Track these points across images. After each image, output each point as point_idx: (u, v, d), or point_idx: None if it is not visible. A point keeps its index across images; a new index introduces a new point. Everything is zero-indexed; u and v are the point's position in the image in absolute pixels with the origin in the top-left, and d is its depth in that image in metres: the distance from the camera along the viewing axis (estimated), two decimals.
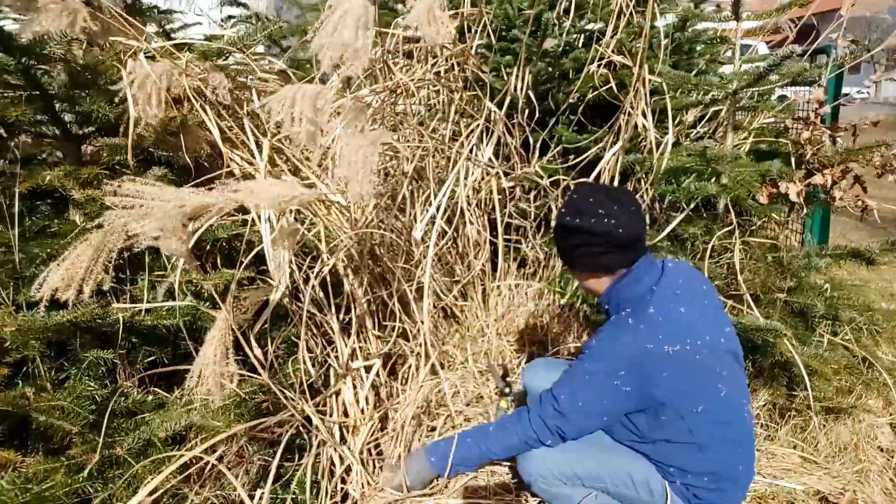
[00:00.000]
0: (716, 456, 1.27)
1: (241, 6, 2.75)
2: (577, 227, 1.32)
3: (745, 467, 1.33)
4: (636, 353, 1.22)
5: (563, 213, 1.37)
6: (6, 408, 1.08)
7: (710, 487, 1.29)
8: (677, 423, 1.25)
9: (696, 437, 1.25)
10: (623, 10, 2.10)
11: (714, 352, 1.26)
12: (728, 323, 1.37)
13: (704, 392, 1.24)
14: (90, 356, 1.22)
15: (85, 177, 1.32)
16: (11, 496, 0.99)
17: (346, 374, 1.48)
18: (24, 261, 1.22)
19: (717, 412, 1.25)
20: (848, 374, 1.73)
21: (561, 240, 1.39)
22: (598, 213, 1.30)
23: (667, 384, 1.22)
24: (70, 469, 1.09)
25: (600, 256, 1.33)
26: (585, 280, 1.41)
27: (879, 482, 1.67)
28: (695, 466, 1.29)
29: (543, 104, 2.37)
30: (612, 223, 1.29)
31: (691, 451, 1.27)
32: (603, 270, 1.36)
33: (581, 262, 1.37)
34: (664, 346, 1.21)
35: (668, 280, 1.33)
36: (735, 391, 1.29)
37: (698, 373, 1.23)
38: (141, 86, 1.25)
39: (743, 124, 2.21)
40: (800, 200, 1.79)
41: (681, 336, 1.23)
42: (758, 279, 1.81)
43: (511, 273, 2.42)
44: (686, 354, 1.22)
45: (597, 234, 1.30)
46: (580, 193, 1.39)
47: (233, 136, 1.54)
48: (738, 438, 1.28)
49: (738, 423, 1.29)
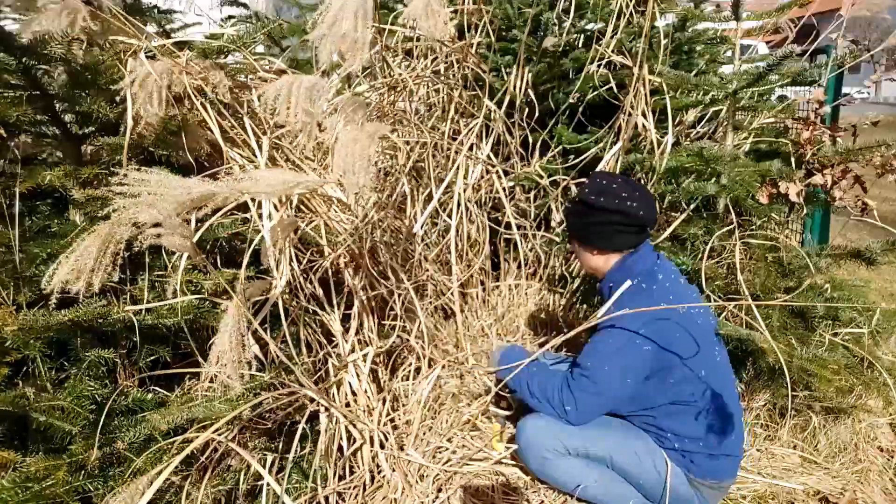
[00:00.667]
0: (711, 422, 1.36)
1: (241, 6, 2.75)
2: (602, 205, 1.43)
3: (736, 441, 1.40)
4: (653, 313, 1.32)
5: (587, 192, 1.47)
6: (6, 408, 1.08)
7: (706, 453, 1.38)
8: (683, 386, 1.35)
9: (698, 401, 1.36)
10: (623, 10, 2.10)
11: (710, 326, 1.44)
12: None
13: (705, 356, 1.36)
14: (91, 356, 1.22)
15: (85, 177, 1.32)
16: (12, 494, 0.99)
17: (346, 364, 1.49)
18: (24, 261, 1.22)
19: (714, 379, 1.37)
20: (848, 375, 1.73)
21: (580, 216, 1.50)
22: (621, 196, 1.42)
23: (679, 343, 1.33)
24: (71, 467, 1.09)
25: (616, 235, 1.45)
26: (595, 257, 1.52)
27: (879, 482, 1.67)
28: (691, 431, 1.38)
29: (543, 104, 2.37)
30: (633, 206, 1.42)
31: (690, 414, 1.37)
32: (615, 249, 1.48)
33: (597, 239, 1.49)
34: (675, 307, 1.34)
35: (665, 262, 1.51)
36: (724, 365, 1.44)
37: (700, 337, 1.36)
38: (141, 84, 1.25)
39: (743, 124, 2.21)
40: (800, 200, 1.79)
41: (686, 302, 1.38)
42: (758, 279, 1.81)
43: (511, 273, 2.42)
44: (691, 318, 1.36)
45: (619, 213, 1.42)
46: (603, 176, 1.53)
47: (234, 136, 1.54)
48: (729, 410, 1.38)
49: (730, 396, 1.40)
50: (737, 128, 1.94)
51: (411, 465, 1.55)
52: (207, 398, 1.28)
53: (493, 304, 2.32)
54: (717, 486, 1.42)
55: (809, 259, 1.80)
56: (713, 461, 1.38)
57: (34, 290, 1.22)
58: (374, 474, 1.47)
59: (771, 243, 1.90)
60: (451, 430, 1.75)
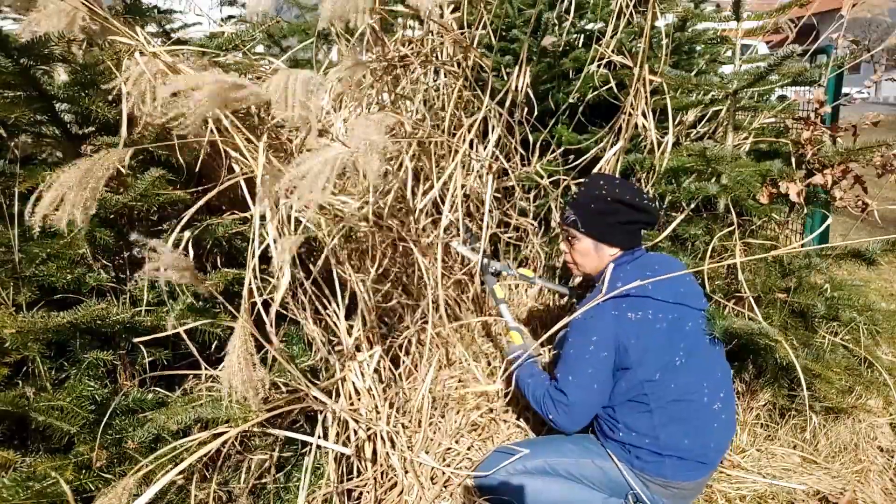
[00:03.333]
0: (663, 423, 1.39)
1: (241, 6, 2.75)
2: (619, 198, 1.49)
3: (695, 446, 1.40)
4: (605, 321, 1.41)
5: (603, 184, 1.54)
6: (6, 408, 1.08)
7: (652, 450, 1.39)
8: (638, 387, 1.40)
9: (650, 401, 1.39)
10: (623, 10, 2.10)
11: (677, 329, 1.43)
12: (704, 306, 1.54)
13: (659, 359, 1.40)
14: (90, 357, 1.22)
15: None
16: (13, 493, 0.99)
17: (352, 359, 1.48)
18: (23, 261, 1.22)
19: (673, 382, 1.39)
20: (848, 375, 1.73)
21: (607, 214, 1.52)
22: (636, 193, 1.52)
23: (634, 348, 1.38)
24: (77, 467, 1.09)
25: (632, 234, 1.54)
26: (606, 256, 1.56)
27: (879, 482, 1.67)
28: (641, 427, 1.41)
29: (543, 104, 2.37)
30: (651, 206, 1.52)
31: (642, 411, 1.40)
32: (627, 246, 1.54)
33: (615, 236, 1.54)
34: (627, 313, 1.40)
35: (642, 262, 1.53)
36: (696, 370, 1.43)
37: (657, 343, 1.40)
38: (136, 84, 1.25)
39: (743, 124, 2.21)
40: (800, 200, 1.79)
41: (643, 305, 1.42)
42: (758, 279, 1.80)
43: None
44: (648, 322, 1.40)
45: (643, 212, 1.50)
46: (612, 177, 1.64)
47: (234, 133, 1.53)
48: (689, 414, 1.40)
49: (695, 400, 1.41)
50: (737, 128, 1.94)
51: (422, 466, 1.56)
52: (212, 398, 1.28)
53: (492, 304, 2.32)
54: (666, 486, 1.41)
55: (809, 259, 1.81)
56: (659, 459, 1.39)
57: (34, 290, 1.21)
58: (382, 474, 1.47)
59: (771, 244, 1.90)
60: (459, 432, 1.76)
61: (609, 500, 1.47)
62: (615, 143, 2.12)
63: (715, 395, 1.44)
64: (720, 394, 1.45)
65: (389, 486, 1.49)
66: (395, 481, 1.49)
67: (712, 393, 1.44)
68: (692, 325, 1.47)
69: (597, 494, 1.47)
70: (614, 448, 1.46)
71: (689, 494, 1.47)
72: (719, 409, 1.43)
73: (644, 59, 1.93)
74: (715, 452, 1.45)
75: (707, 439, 1.42)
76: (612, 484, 1.45)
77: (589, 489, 1.47)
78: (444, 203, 1.81)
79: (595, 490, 1.47)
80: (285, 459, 1.40)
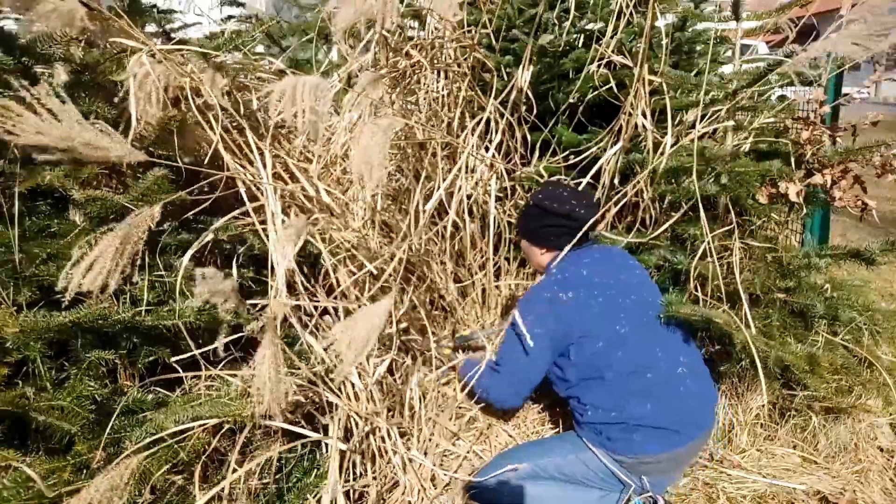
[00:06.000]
0: (623, 392, 1.44)
1: (241, 6, 2.75)
2: (554, 210, 1.64)
3: (661, 412, 1.41)
4: (540, 302, 1.54)
5: (540, 197, 1.70)
6: (6, 408, 1.08)
7: (619, 423, 1.42)
8: (586, 360, 1.48)
9: (604, 373, 1.46)
10: (623, 10, 2.10)
11: (615, 303, 1.53)
12: (654, 292, 1.65)
13: (601, 329, 1.49)
14: (91, 356, 1.22)
15: (85, 177, 1.32)
16: (14, 493, 0.99)
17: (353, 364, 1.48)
18: (24, 261, 1.22)
19: (620, 350, 1.46)
20: (848, 374, 1.73)
21: (532, 218, 1.71)
22: (571, 203, 1.65)
23: (569, 325, 1.49)
24: (75, 467, 1.09)
25: (561, 236, 1.65)
26: (538, 255, 1.72)
27: (879, 482, 1.67)
28: (604, 401, 1.46)
29: (543, 104, 2.37)
30: (580, 212, 1.64)
31: (600, 385, 1.47)
32: (556, 247, 1.67)
33: (543, 238, 1.69)
34: (559, 293, 1.53)
35: (581, 252, 1.65)
36: (645, 337, 1.51)
37: (596, 315, 1.50)
38: (140, 85, 1.25)
39: (743, 124, 2.21)
40: (800, 200, 1.79)
41: (576, 286, 1.54)
42: (757, 279, 1.81)
43: (511, 273, 2.42)
44: (581, 300, 1.51)
45: (566, 217, 1.63)
46: (554, 185, 1.82)
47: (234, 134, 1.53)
48: (647, 380, 1.44)
49: (651, 366, 1.47)
50: (737, 128, 1.94)
51: (423, 467, 1.56)
52: (211, 397, 1.27)
53: (493, 305, 2.32)
54: (641, 462, 1.42)
55: (809, 259, 1.80)
56: (628, 434, 1.41)
57: (34, 290, 1.21)
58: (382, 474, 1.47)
59: (769, 245, 1.90)
60: (458, 433, 1.76)
61: (605, 496, 1.47)
62: (615, 143, 2.12)
63: (674, 361, 1.48)
64: (680, 358, 1.50)
65: (391, 485, 1.49)
66: (395, 480, 1.49)
67: (669, 358, 1.48)
68: (634, 299, 1.56)
69: (590, 493, 1.47)
70: (588, 434, 1.49)
71: (668, 468, 1.47)
72: (683, 374, 1.47)
73: (644, 59, 1.92)
74: (688, 417, 1.45)
75: (673, 404, 1.44)
76: (598, 475, 1.47)
77: (583, 489, 1.48)
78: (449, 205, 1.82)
79: (588, 488, 1.48)
80: (286, 459, 1.40)
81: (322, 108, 0.98)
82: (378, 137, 0.99)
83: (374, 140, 0.98)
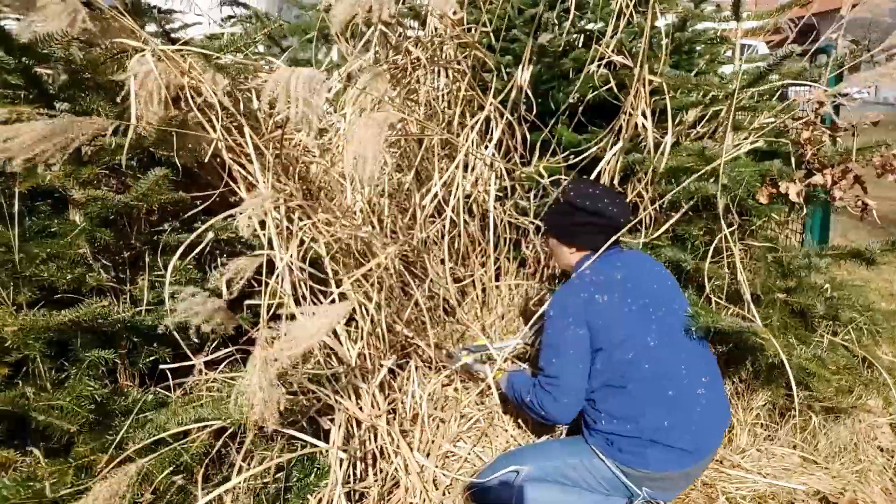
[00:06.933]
0: (642, 404, 1.41)
1: (241, 6, 2.75)
2: (585, 207, 1.57)
3: (677, 429, 1.39)
4: (577, 304, 1.49)
5: (573, 194, 1.63)
6: (6, 408, 1.08)
7: (633, 437, 1.39)
8: (612, 368, 1.44)
9: (627, 382, 1.42)
10: (623, 10, 2.10)
11: (648, 313, 1.48)
12: (682, 303, 1.58)
13: (633, 339, 1.44)
14: (91, 356, 1.22)
15: (85, 177, 1.31)
16: (14, 493, 0.99)
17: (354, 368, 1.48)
18: (23, 261, 1.22)
19: (647, 362, 1.42)
20: (848, 374, 1.73)
21: (561, 215, 1.65)
22: (603, 200, 1.58)
23: (606, 329, 1.45)
24: (78, 469, 1.09)
25: (594, 235, 1.59)
26: (567, 254, 1.66)
27: (879, 482, 1.67)
28: (621, 411, 1.43)
29: (543, 104, 2.37)
30: (613, 211, 1.57)
31: (620, 393, 1.43)
32: (586, 246, 1.61)
33: (572, 237, 1.63)
34: (595, 295, 1.48)
35: (612, 255, 1.60)
36: (673, 352, 1.46)
37: (629, 322, 1.46)
38: (142, 84, 1.25)
39: (743, 124, 2.21)
40: (800, 200, 1.79)
41: (611, 290, 1.49)
42: (758, 279, 1.81)
43: (511, 273, 2.42)
44: (615, 304, 1.47)
45: (598, 215, 1.57)
46: (587, 183, 1.74)
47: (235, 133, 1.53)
48: (668, 395, 1.41)
49: (674, 381, 1.43)
50: (737, 128, 1.94)
51: (425, 469, 1.56)
52: (213, 399, 1.27)
53: (493, 305, 2.32)
54: (651, 478, 1.40)
55: (809, 259, 1.80)
56: (641, 449, 1.39)
57: (34, 289, 1.21)
58: (383, 476, 1.47)
59: (769, 246, 1.90)
60: (458, 435, 1.76)
61: (610, 498, 1.47)
62: (615, 144, 2.12)
63: (696, 379, 1.45)
64: (702, 378, 1.46)
65: (392, 485, 1.49)
66: (397, 481, 1.49)
67: (692, 376, 1.45)
68: (665, 311, 1.51)
69: (596, 497, 1.47)
70: (598, 442, 1.46)
71: (677, 486, 1.47)
72: (702, 394, 1.43)
73: (644, 59, 1.92)
74: (701, 439, 1.42)
75: (689, 423, 1.41)
76: (604, 482, 1.45)
77: (587, 494, 1.47)
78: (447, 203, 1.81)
79: (591, 493, 1.47)
80: (286, 459, 1.40)
81: (317, 101, 0.96)
82: (373, 130, 0.98)
83: (369, 133, 0.98)
